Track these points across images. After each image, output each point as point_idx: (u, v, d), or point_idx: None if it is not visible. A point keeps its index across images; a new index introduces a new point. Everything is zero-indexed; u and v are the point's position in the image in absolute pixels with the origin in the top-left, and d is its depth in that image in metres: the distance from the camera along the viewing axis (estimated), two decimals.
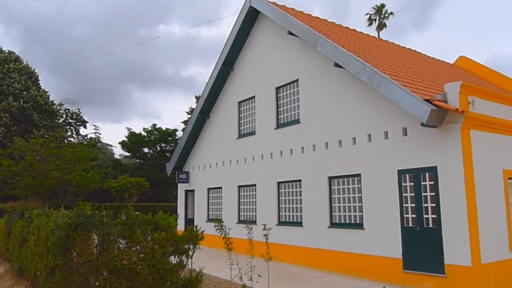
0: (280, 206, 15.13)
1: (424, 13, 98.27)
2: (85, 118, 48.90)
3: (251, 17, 17.23)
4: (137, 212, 6.88)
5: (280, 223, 14.88)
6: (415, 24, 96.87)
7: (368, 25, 45.71)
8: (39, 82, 44.82)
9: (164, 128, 48.31)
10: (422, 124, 9.62)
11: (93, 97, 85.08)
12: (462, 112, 9.17)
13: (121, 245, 6.45)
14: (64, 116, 47.40)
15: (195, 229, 7.08)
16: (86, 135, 49.53)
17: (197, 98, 38.69)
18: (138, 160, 49.16)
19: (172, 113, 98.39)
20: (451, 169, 9.55)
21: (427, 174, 10.12)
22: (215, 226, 8.31)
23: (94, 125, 70.48)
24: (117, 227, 6.45)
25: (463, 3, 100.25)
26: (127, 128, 55.03)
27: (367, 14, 45.80)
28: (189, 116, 41.27)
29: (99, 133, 49.67)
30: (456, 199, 9.39)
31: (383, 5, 45.09)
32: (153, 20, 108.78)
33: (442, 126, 9.69)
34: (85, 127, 49.22)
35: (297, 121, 14.54)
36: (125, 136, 47.61)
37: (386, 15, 45.35)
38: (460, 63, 23.93)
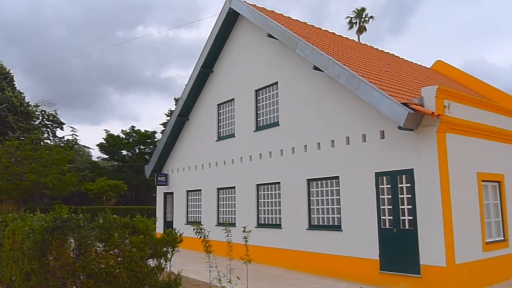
0: (259, 208, 15.16)
1: (400, 18, 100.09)
2: (62, 120, 48.08)
3: (230, 19, 17.23)
4: (115, 215, 6.81)
5: (259, 225, 14.91)
6: (391, 30, 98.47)
7: (349, 28, 46.35)
8: (14, 83, 43.92)
9: (143, 130, 47.96)
10: (399, 127, 9.78)
11: (70, 99, 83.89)
12: (438, 116, 9.35)
13: (98, 249, 6.37)
14: (40, 117, 46.43)
15: (173, 231, 7.04)
16: (63, 137, 48.68)
17: (176, 100, 38.48)
18: (116, 163, 48.63)
19: (151, 115, 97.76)
20: (427, 172, 9.73)
21: (403, 176, 10.28)
22: (193, 229, 8.29)
23: (71, 127, 68.87)
24: (95, 231, 6.37)
25: (437, 10, 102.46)
26: (105, 130, 54.22)
27: (348, 17, 46.48)
28: (168, 118, 40.99)
29: (77, 135, 48.97)
30: (432, 201, 9.57)
31: (363, 9, 45.78)
32: (132, 21, 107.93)
33: (418, 129, 9.87)
34: (62, 129, 48.37)
35: (276, 124, 14.60)
36: (103, 138, 47.14)
37: (366, 18, 46.07)
38: (437, 67, 24.42)
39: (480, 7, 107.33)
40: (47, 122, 47.26)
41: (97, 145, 47.04)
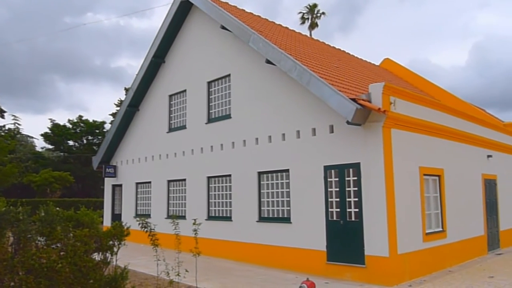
0: (210, 201, 15.12)
1: (350, 17, 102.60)
2: (3, 108, 45.61)
3: (183, 9, 16.96)
4: (58, 208, 6.56)
5: (210, 217, 14.88)
6: (341, 27, 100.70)
7: (301, 23, 46.80)
8: None
9: (91, 120, 46.44)
10: (348, 122, 10.03)
11: (12, 86, 79.49)
12: (384, 112, 9.66)
13: (39, 243, 6.12)
14: None
15: (120, 224, 6.88)
16: (4, 126, 46.16)
17: (127, 90, 37.51)
18: (62, 153, 46.85)
19: (100, 105, 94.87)
20: (373, 166, 10.05)
21: (351, 170, 10.57)
22: (138, 223, 8.15)
23: (13, 115, 65.74)
24: (35, 224, 6.11)
25: (384, 10, 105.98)
26: (50, 119, 52.00)
27: (300, 12, 46.88)
28: (118, 108, 39.91)
29: (19, 124, 46.44)
30: (377, 194, 9.90)
31: (315, 5, 46.35)
32: (81, 7, 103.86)
33: (366, 124, 10.16)
34: (2, 117, 45.78)
35: (228, 116, 14.57)
36: (48, 128, 45.19)
37: (318, 14, 46.68)
38: (385, 65, 25.25)
39: (423, 10, 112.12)
40: None
41: (42, 135, 45.07)
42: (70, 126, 46.02)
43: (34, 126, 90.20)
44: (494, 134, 15.98)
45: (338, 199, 10.79)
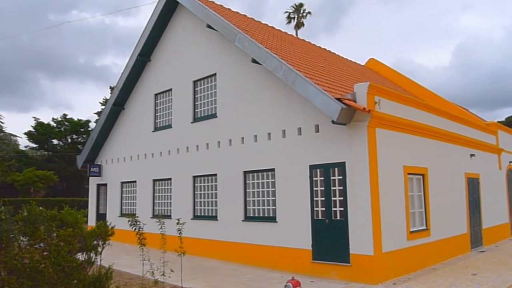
0: (196, 200, 15.07)
1: (335, 18, 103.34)
2: None
3: (169, 8, 16.87)
4: (41, 208, 6.49)
5: (196, 217, 14.84)
6: (326, 28, 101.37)
7: (287, 23, 46.94)
8: None
9: (76, 119, 45.91)
10: (333, 122, 10.08)
11: None
12: (369, 111, 9.74)
13: (22, 243, 6.04)
14: None
15: (105, 224, 6.84)
16: None
17: (112, 88, 37.16)
18: (46, 152, 46.28)
19: (85, 104, 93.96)
20: (358, 165, 10.12)
21: (336, 169, 10.63)
22: (128, 221, 8.11)
23: None
24: (18, 224, 6.03)
25: (369, 11, 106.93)
26: (34, 118, 51.24)
27: (286, 12, 47.01)
28: (103, 107, 39.57)
29: (2, 123, 45.93)
30: (362, 193, 9.98)
31: (301, 4, 46.54)
32: (66, 5, 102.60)
33: (351, 124, 10.23)
34: None
35: (214, 116, 14.54)
36: (32, 126, 44.58)
37: (304, 14, 46.88)
38: (370, 65, 25.45)
39: (407, 11, 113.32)
40: None
41: (25, 133, 44.48)
42: (55, 124, 45.48)
43: (18, 125, 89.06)
44: (477, 134, 16.23)
45: (323, 198, 10.85)
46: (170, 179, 16.32)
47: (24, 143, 49.99)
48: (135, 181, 18.28)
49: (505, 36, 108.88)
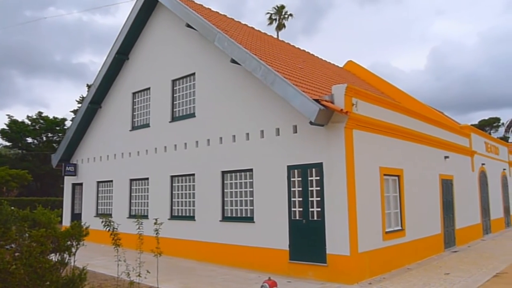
0: (173, 200, 14.97)
1: (313, 20, 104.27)
2: None
3: (148, 6, 16.71)
4: (13, 208, 6.35)
5: (173, 217, 14.73)
6: (305, 30, 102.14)
7: (269, 24, 47.16)
8: None
9: (51, 117, 45.01)
10: (311, 123, 10.15)
11: None
12: (346, 113, 9.83)
13: None
14: None
15: (79, 224, 6.72)
16: None
17: (89, 86, 36.61)
18: (20, 151, 45.24)
19: (61, 102, 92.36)
20: (335, 166, 10.21)
21: (313, 170, 10.70)
22: (102, 222, 7.99)
23: None
24: None
25: (346, 14, 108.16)
26: (8, 115, 50.04)
27: (268, 13, 47.22)
28: (80, 105, 38.94)
29: None
30: (338, 193, 10.06)
31: (283, 6, 46.78)
32: (42, 1, 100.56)
33: (328, 125, 10.31)
34: None
35: (192, 115, 14.47)
36: (6, 124, 43.49)
37: (286, 16, 47.14)
38: (349, 67, 25.73)
39: (383, 16, 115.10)
40: None
41: None
42: (29, 122, 44.50)
43: None
44: (451, 136, 16.57)
45: (301, 199, 10.90)
46: (147, 178, 16.16)
47: None
48: (111, 181, 18.04)
49: (478, 41, 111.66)
